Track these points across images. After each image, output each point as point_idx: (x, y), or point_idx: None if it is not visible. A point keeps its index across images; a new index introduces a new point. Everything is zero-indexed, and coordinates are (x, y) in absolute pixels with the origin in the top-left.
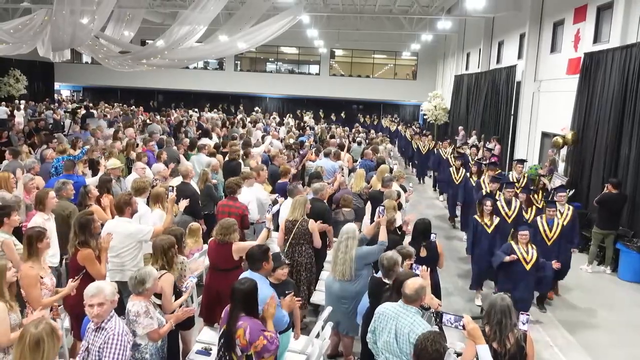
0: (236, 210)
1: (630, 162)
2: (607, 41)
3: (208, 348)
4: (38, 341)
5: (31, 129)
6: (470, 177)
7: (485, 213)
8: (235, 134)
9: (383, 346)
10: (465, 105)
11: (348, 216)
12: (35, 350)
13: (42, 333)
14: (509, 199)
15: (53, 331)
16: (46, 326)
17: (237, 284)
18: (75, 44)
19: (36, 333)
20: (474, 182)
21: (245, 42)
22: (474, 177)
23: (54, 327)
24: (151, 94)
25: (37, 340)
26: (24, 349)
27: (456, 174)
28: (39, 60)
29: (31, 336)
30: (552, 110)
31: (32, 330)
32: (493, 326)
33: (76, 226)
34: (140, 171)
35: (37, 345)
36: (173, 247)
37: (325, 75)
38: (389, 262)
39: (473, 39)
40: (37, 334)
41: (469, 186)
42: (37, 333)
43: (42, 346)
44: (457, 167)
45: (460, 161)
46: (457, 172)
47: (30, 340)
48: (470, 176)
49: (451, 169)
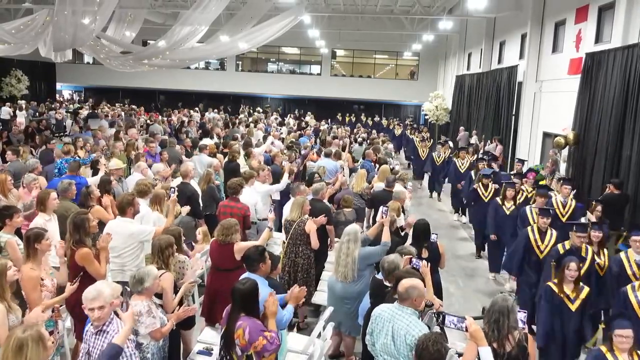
0: (238, 211)
1: (632, 162)
2: (608, 41)
3: (209, 348)
4: (22, 345)
5: (33, 129)
6: (503, 200)
7: (566, 280)
8: (235, 134)
9: (381, 348)
10: (467, 106)
11: (349, 216)
12: (17, 354)
13: (28, 338)
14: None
15: (40, 338)
16: (34, 332)
17: (238, 284)
18: (76, 45)
19: (21, 337)
20: (507, 209)
21: (247, 43)
22: (506, 202)
23: (42, 335)
24: (152, 94)
25: (21, 345)
26: (7, 352)
27: (484, 191)
28: (40, 61)
29: (15, 339)
30: (553, 111)
31: (18, 334)
32: (491, 324)
33: (70, 226)
34: (144, 171)
35: (19, 349)
36: (170, 247)
37: (326, 76)
38: (390, 266)
39: (474, 39)
40: (22, 338)
41: (502, 214)
42: (22, 337)
43: (25, 351)
44: (484, 184)
45: (490, 179)
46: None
47: (13, 344)
48: (503, 201)
49: (477, 187)
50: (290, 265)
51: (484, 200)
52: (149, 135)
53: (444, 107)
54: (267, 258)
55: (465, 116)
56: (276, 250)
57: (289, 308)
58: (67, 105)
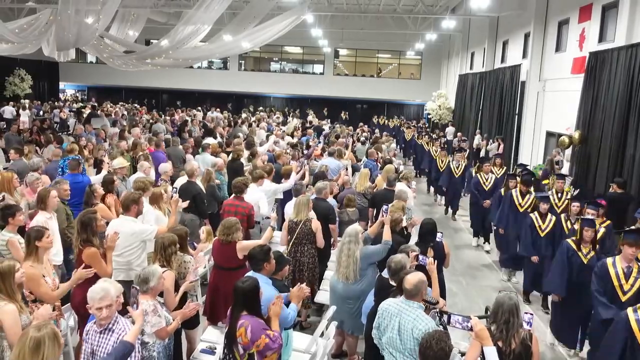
0: (242, 209)
1: (635, 161)
2: (612, 40)
3: (212, 347)
4: (39, 344)
5: (37, 128)
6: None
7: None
8: (238, 133)
9: (387, 342)
10: (470, 105)
11: (352, 216)
12: (34, 353)
13: (45, 336)
14: None
15: (56, 336)
16: (49, 330)
17: (239, 283)
18: (80, 44)
19: (37, 336)
20: (582, 254)
21: (250, 42)
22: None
23: (57, 332)
24: (156, 94)
25: (38, 343)
26: (23, 351)
27: (542, 222)
28: (44, 60)
29: (32, 339)
30: (556, 110)
31: (33, 333)
32: (500, 325)
33: (78, 224)
34: (147, 171)
35: (37, 347)
36: (173, 245)
37: (329, 75)
38: (396, 266)
39: (477, 38)
40: (39, 337)
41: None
42: (38, 336)
43: (42, 349)
44: (543, 212)
45: (546, 204)
46: (543, 221)
47: (30, 343)
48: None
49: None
50: (295, 265)
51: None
52: (152, 134)
53: (447, 107)
54: (271, 258)
55: (468, 116)
56: (278, 249)
57: (292, 306)
58: (70, 104)
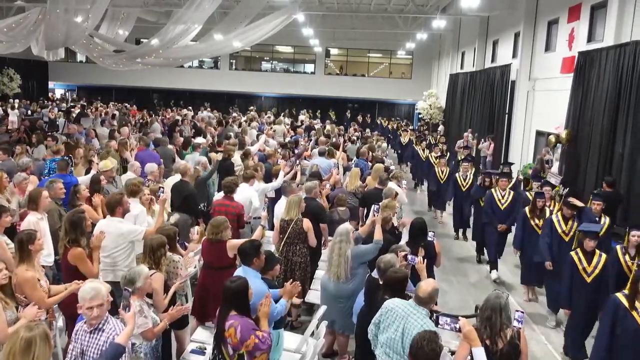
0: (232, 209)
1: (624, 160)
2: (601, 40)
3: (202, 347)
4: (30, 344)
5: (26, 128)
6: None
7: None
8: (229, 133)
9: (385, 341)
10: (460, 104)
11: (343, 215)
12: (25, 353)
13: (36, 336)
14: None
15: (47, 336)
16: (40, 330)
17: (228, 282)
18: (69, 43)
19: (28, 336)
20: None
21: (241, 41)
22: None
23: (48, 332)
24: (146, 93)
25: (29, 343)
26: (14, 350)
27: (586, 264)
28: (33, 59)
29: (23, 338)
30: (546, 109)
31: (24, 333)
32: (483, 321)
33: (67, 224)
34: (137, 170)
35: (27, 347)
36: (162, 247)
37: (320, 74)
38: (386, 266)
39: (468, 37)
40: (30, 336)
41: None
42: (29, 336)
43: (33, 349)
44: (588, 249)
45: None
46: (588, 261)
47: (21, 342)
48: None
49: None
50: (287, 264)
51: None
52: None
53: (438, 106)
54: (261, 254)
55: (459, 115)
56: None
57: (282, 302)
58: (59, 103)
